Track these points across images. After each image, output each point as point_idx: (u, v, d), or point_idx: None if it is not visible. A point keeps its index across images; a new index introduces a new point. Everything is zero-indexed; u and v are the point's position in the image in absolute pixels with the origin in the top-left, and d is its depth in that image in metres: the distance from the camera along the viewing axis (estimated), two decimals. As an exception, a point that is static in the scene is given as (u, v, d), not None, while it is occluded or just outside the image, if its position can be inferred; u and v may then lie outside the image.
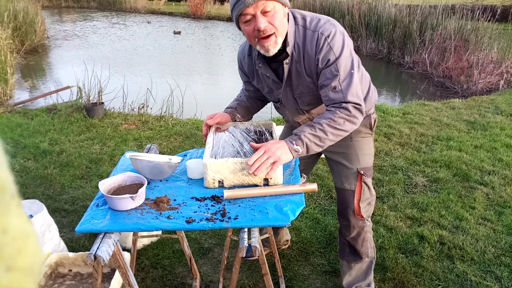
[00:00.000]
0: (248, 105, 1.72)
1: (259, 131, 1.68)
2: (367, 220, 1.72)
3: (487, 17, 7.16)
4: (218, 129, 1.60)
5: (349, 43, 1.39)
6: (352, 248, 1.78)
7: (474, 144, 3.67)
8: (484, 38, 6.98)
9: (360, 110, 1.38)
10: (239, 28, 1.38)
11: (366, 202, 1.68)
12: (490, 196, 2.80)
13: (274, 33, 1.31)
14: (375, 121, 1.65)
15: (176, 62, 8.26)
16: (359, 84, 1.41)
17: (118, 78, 5.81)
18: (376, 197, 2.79)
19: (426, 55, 7.26)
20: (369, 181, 1.67)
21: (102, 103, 4.47)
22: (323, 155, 1.81)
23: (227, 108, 1.70)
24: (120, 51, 9.18)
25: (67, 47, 9.50)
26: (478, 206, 2.67)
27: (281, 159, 1.29)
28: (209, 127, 1.58)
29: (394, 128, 4.09)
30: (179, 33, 12.11)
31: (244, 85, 1.73)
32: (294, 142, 1.33)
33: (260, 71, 1.50)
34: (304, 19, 1.41)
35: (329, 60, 1.35)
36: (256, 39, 1.33)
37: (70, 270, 2.03)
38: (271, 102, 1.72)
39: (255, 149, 1.35)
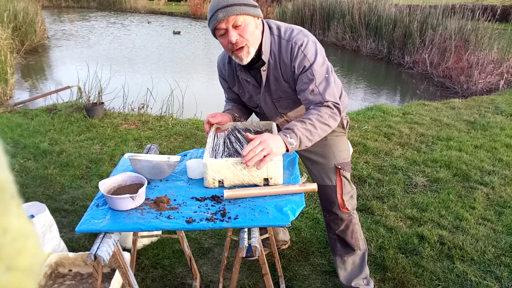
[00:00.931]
0: (241, 107, 1.78)
1: (259, 131, 1.68)
2: (353, 212, 1.77)
3: (487, 17, 7.16)
4: (218, 129, 1.60)
5: (322, 50, 1.50)
6: (343, 242, 1.81)
7: (474, 144, 3.67)
8: (484, 38, 6.98)
9: (338, 109, 1.47)
10: (217, 39, 1.48)
11: (348, 196, 1.73)
12: (490, 196, 2.80)
13: (246, 44, 1.41)
14: (347, 122, 1.77)
15: (176, 62, 8.26)
16: (335, 86, 1.50)
17: (118, 78, 5.81)
18: (376, 197, 2.80)
19: (426, 55, 7.26)
20: (348, 175, 1.74)
21: (102, 103, 4.47)
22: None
23: (224, 111, 1.74)
24: (120, 51, 9.18)
25: (67, 47, 9.50)
26: (478, 206, 2.67)
27: (273, 151, 1.31)
28: (211, 125, 1.60)
29: (394, 128, 4.10)
30: (178, 33, 12.10)
31: (227, 94, 1.80)
32: (288, 135, 1.37)
33: (241, 77, 1.58)
34: (278, 29, 1.51)
35: (304, 66, 1.45)
36: (230, 51, 1.43)
37: (70, 270, 2.04)
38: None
39: (249, 140, 1.37)
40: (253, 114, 1.87)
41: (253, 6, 1.41)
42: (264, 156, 1.29)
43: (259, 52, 1.47)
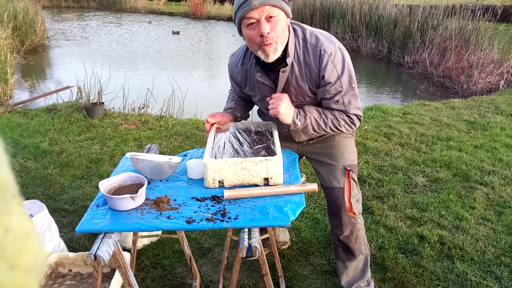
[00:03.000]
0: (244, 103, 1.76)
1: (259, 131, 1.68)
2: (358, 217, 1.74)
3: (488, 17, 7.16)
4: (218, 129, 1.60)
5: (347, 57, 1.46)
6: (345, 247, 1.79)
7: (474, 144, 3.67)
8: (485, 38, 6.98)
9: (360, 120, 1.52)
10: (240, 31, 1.39)
11: (355, 199, 1.71)
12: (490, 196, 2.80)
13: (275, 41, 1.33)
14: None
15: (176, 62, 8.26)
16: (358, 96, 1.50)
17: (118, 78, 5.81)
18: (376, 197, 2.80)
19: (426, 55, 7.26)
20: (356, 177, 1.72)
21: (102, 103, 4.47)
22: (304, 157, 1.84)
23: (225, 109, 1.71)
24: (120, 51, 9.18)
25: (67, 47, 9.50)
26: (478, 206, 2.67)
27: (280, 116, 1.41)
28: (212, 124, 1.59)
29: (394, 128, 4.10)
30: (178, 33, 12.10)
31: (234, 91, 1.79)
32: (298, 116, 1.43)
33: (258, 78, 1.51)
34: (303, 32, 1.45)
35: (333, 78, 1.42)
36: (257, 45, 1.34)
37: (70, 270, 2.04)
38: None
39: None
40: (255, 115, 1.86)
41: (287, 3, 1.36)
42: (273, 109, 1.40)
43: (283, 53, 1.40)
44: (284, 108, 1.40)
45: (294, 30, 1.45)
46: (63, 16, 16.01)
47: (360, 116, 1.51)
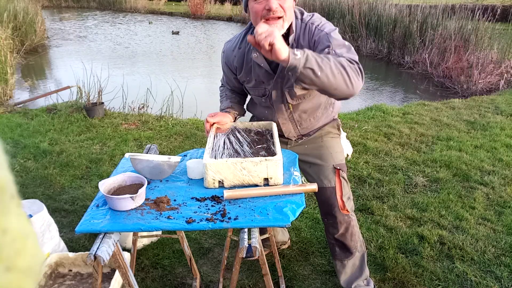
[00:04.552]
0: (238, 99, 1.77)
1: (259, 131, 1.68)
2: (352, 214, 1.75)
3: (487, 17, 7.15)
4: (218, 129, 1.60)
5: (337, 31, 1.47)
6: (342, 246, 1.80)
7: (474, 144, 3.67)
8: (484, 38, 6.98)
9: (360, 70, 1.29)
10: (246, 6, 1.42)
11: (346, 197, 1.72)
12: (490, 196, 2.80)
13: (282, 16, 1.36)
14: (340, 124, 1.81)
15: (175, 62, 8.26)
16: (353, 50, 1.39)
17: (118, 78, 5.81)
18: (376, 197, 2.80)
19: (426, 55, 7.25)
20: (345, 176, 1.73)
21: (102, 103, 4.47)
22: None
23: (223, 109, 1.71)
24: (119, 51, 9.18)
25: (67, 47, 9.50)
26: (478, 206, 2.67)
27: (275, 44, 1.14)
28: (211, 124, 1.59)
29: (394, 128, 4.09)
30: (177, 33, 12.09)
31: (229, 83, 1.77)
32: (295, 49, 1.20)
33: (254, 60, 1.52)
34: (301, 13, 1.51)
35: (320, 36, 1.42)
36: (263, 20, 1.36)
37: (70, 270, 2.03)
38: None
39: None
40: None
41: None
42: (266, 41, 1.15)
43: (287, 32, 1.43)
44: (279, 41, 1.15)
45: (294, 12, 1.50)
46: (63, 16, 16.01)
47: (358, 63, 1.30)
